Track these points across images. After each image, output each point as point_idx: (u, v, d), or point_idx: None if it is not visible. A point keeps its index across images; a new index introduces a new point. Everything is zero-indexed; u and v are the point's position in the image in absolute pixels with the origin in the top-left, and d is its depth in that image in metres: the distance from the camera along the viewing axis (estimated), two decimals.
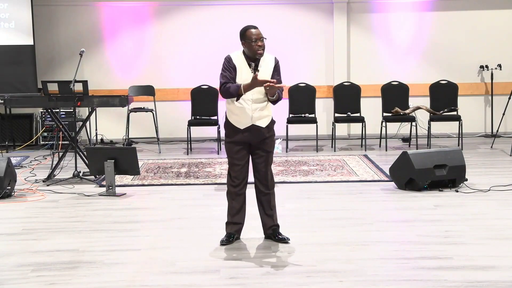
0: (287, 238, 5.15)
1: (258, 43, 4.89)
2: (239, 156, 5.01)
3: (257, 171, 5.08)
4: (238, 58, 4.98)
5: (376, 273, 4.44)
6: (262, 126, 5.00)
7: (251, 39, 4.88)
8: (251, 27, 4.94)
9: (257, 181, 5.10)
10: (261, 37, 4.90)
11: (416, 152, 7.06)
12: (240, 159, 5.02)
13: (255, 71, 4.92)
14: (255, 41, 4.88)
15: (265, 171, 5.07)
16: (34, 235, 5.50)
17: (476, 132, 11.14)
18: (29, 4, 10.30)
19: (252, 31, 4.90)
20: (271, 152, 5.11)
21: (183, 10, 10.96)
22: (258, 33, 4.90)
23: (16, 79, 10.33)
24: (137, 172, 7.10)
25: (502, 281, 4.25)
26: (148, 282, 4.35)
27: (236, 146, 5.00)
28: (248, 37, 4.90)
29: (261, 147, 5.04)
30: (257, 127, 4.99)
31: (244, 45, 4.95)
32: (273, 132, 5.11)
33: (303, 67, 10.89)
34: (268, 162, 5.08)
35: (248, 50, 4.93)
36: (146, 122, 10.68)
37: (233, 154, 5.03)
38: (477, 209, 6.17)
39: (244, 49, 4.97)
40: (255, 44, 4.88)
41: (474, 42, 11.02)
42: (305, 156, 9.29)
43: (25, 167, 8.68)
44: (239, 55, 5.00)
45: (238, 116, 4.98)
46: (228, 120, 5.03)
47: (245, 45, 4.94)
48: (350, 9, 11.00)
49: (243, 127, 4.98)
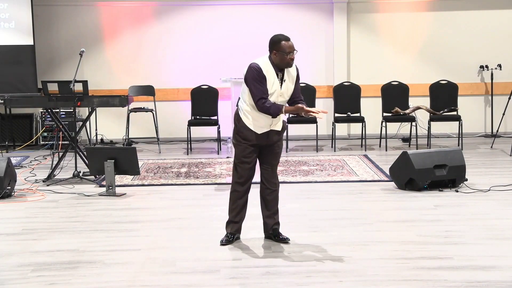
0: (287, 238, 5.15)
1: (292, 56, 4.85)
2: (251, 157, 5.03)
3: (265, 169, 5.11)
4: (266, 67, 4.90)
5: (376, 273, 4.44)
6: (279, 129, 5.05)
7: (285, 51, 4.83)
8: (286, 39, 4.86)
9: (264, 179, 5.13)
10: (294, 49, 4.87)
11: (416, 152, 7.06)
12: (251, 159, 5.04)
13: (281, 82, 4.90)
14: (289, 54, 4.84)
15: (274, 170, 5.13)
16: (34, 235, 5.50)
17: (476, 132, 11.14)
18: (29, 4, 10.30)
19: (286, 43, 4.83)
20: (281, 152, 5.18)
21: (183, 10, 10.96)
22: (292, 46, 4.86)
23: (16, 79, 10.33)
24: (137, 172, 7.10)
25: (502, 281, 4.25)
26: (148, 282, 4.35)
27: (250, 147, 5.01)
28: (282, 49, 4.83)
29: (272, 147, 5.07)
30: (274, 132, 5.03)
31: (275, 54, 4.87)
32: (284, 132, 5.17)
33: (303, 67, 10.71)
34: (277, 162, 5.16)
35: (280, 60, 4.87)
36: (146, 122, 10.68)
37: (245, 155, 5.02)
38: (477, 209, 6.17)
39: (272, 57, 4.90)
40: (289, 57, 4.84)
41: (474, 42, 11.01)
42: (305, 156, 9.29)
43: (25, 167, 8.68)
44: (266, 62, 4.91)
45: (258, 121, 4.96)
46: (244, 123, 4.98)
47: (277, 55, 4.86)
48: (350, 9, 11.00)
49: (260, 132, 4.98)
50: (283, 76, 4.93)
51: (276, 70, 4.90)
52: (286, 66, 4.89)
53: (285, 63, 4.88)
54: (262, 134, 4.99)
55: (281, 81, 4.92)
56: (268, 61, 4.92)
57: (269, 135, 5.01)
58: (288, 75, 4.96)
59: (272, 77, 4.89)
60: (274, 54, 4.89)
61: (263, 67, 4.88)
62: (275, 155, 5.12)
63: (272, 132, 5.01)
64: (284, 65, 4.89)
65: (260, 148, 5.06)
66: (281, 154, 5.20)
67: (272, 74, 4.90)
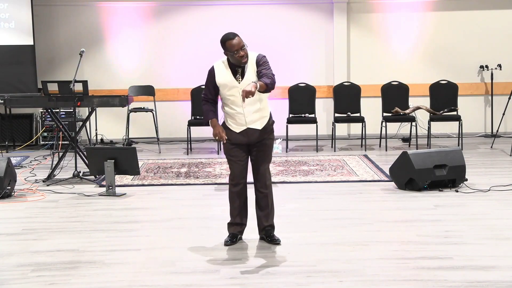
0: (278, 239, 5.13)
1: (240, 53, 4.82)
2: (237, 156, 5.02)
3: (255, 170, 5.09)
4: (221, 68, 4.95)
5: (376, 273, 4.44)
6: (258, 128, 5.00)
7: (233, 51, 4.82)
8: (230, 37, 4.82)
9: (255, 180, 5.11)
10: (242, 45, 4.82)
11: (416, 152, 7.06)
12: (239, 159, 5.02)
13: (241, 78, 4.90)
14: (237, 52, 4.82)
15: (263, 170, 5.07)
16: (34, 235, 5.50)
17: (476, 132, 11.14)
18: (29, 4, 10.30)
19: (232, 42, 4.80)
20: (270, 152, 5.11)
21: (183, 10, 10.96)
22: (239, 43, 4.81)
23: (16, 79, 10.32)
24: (137, 172, 7.10)
25: (502, 281, 4.25)
26: (148, 282, 4.35)
27: (232, 146, 5.01)
28: (229, 49, 4.82)
29: (259, 146, 5.04)
30: (253, 130, 4.99)
31: (226, 55, 4.90)
32: (272, 132, 5.09)
33: (303, 67, 10.89)
34: (266, 161, 5.08)
35: (232, 60, 4.89)
36: (146, 122, 10.68)
37: (230, 154, 5.04)
38: (477, 209, 6.17)
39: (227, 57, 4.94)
40: (238, 55, 4.82)
41: (474, 42, 11.02)
42: (305, 156, 9.29)
43: (25, 167, 8.68)
44: (223, 63, 4.96)
45: (233, 120, 4.99)
46: (224, 122, 5.06)
47: (228, 55, 4.89)
48: (350, 9, 11.00)
49: (238, 131, 4.99)
50: (244, 71, 4.92)
51: (234, 67, 4.92)
52: (240, 63, 4.88)
53: (238, 62, 4.86)
54: (241, 132, 4.98)
55: (241, 76, 4.90)
56: (226, 60, 4.96)
57: (248, 133, 4.98)
58: (249, 69, 4.92)
59: (226, 75, 4.91)
60: (226, 54, 4.91)
61: (217, 69, 4.96)
62: (262, 155, 5.05)
63: (250, 130, 4.98)
64: (238, 63, 4.88)
65: (248, 148, 5.05)
66: (269, 155, 5.12)
67: (227, 74, 4.92)
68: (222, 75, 4.94)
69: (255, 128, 4.99)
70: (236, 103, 4.93)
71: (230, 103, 4.97)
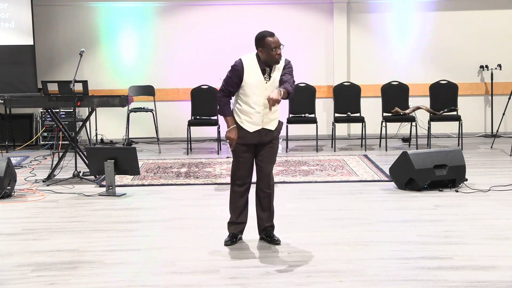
0: (278, 239, 5.13)
1: (278, 52, 4.81)
2: (246, 157, 5.01)
3: (261, 170, 5.07)
4: (250, 63, 4.87)
5: (376, 273, 4.44)
6: (271, 129, 5.02)
7: (271, 47, 4.79)
8: (269, 34, 4.83)
9: (260, 180, 5.10)
10: (279, 44, 4.82)
11: (416, 152, 7.06)
12: (247, 159, 5.02)
13: (269, 78, 4.88)
14: (275, 50, 4.80)
15: (268, 171, 5.07)
16: (34, 235, 5.50)
17: (476, 132, 11.14)
18: (29, 4, 10.30)
19: (271, 39, 4.80)
20: (276, 153, 5.13)
21: (183, 10, 10.96)
22: (277, 41, 4.82)
23: (16, 79, 10.33)
24: (137, 172, 7.10)
25: (502, 281, 4.25)
26: (148, 282, 4.35)
27: (243, 146, 4.99)
28: (268, 45, 4.79)
29: (268, 148, 5.04)
30: (267, 130, 4.99)
31: (261, 51, 4.84)
32: (279, 134, 5.12)
33: (303, 67, 10.88)
34: (272, 163, 5.09)
35: (267, 57, 4.83)
36: (146, 122, 10.68)
37: (240, 154, 5.01)
38: (477, 209, 6.17)
39: (259, 54, 4.87)
40: (276, 52, 4.80)
41: (474, 42, 11.02)
42: (305, 156, 9.29)
43: (25, 167, 8.68)
44: (252, 59, 4.89)
45: (248, 119, 4.95)
46: (236, 121, 4.98)
47: (263, 52, 4.82)
48: (350, 9, 11.00)
49: (252, 130, 4.96)
50: (271, 71, 4.90)
51: (262, 66, 4.87)
52: (274, 62, 4.85)
53: (273, 60, 4.83)
54: (254, 132, 4.96)
55: (268, 76, 4.88)
56: (255, 57, 4.90)
57: (261, 134, 4.98)
58: (277, 71, 4.92)
59: (255, 73, 4.86)
60: (260, 52, 4.86)
61: (245, 63, 4.87)
62: (269, 156, 5.05)
63: (264, 130, 4.98)
64: (273, 61, 4.85)
65: (255, 149, 5.05)
66: (275, 156, 5.13)
67: (256, 71, 4.86)
68: (252, 72, 4.87)
69: (269, 128, 5.00)
70: (258, 102, 4.90)
71: (251, 101, 4.91)
